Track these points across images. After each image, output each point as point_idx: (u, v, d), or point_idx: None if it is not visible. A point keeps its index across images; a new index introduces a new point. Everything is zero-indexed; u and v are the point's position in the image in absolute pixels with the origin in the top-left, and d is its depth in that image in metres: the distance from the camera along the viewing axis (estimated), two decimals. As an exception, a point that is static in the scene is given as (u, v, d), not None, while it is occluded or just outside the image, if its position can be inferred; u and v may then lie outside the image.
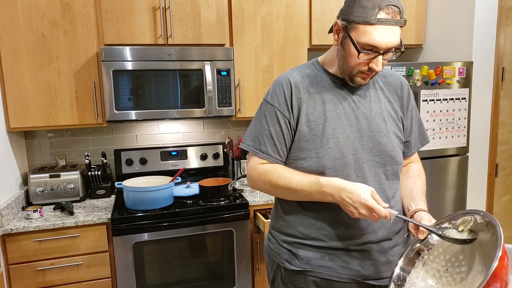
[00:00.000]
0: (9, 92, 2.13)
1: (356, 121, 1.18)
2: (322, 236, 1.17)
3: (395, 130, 1.23)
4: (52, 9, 2.13)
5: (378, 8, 1.02)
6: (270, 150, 1.20)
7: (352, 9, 1.06)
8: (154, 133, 2.71)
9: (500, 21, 2.50)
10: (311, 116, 1.17)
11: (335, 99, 1.18)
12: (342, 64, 1.15)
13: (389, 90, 1.26)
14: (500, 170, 2.67)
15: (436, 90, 2.41)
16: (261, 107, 1.24)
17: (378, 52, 1.07)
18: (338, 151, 1.15)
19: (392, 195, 1.22)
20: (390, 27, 1.04)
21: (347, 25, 1.08)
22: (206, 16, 2.35)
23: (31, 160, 2.53)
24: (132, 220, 2.08)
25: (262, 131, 1.21)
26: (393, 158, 1.20)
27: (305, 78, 1.21)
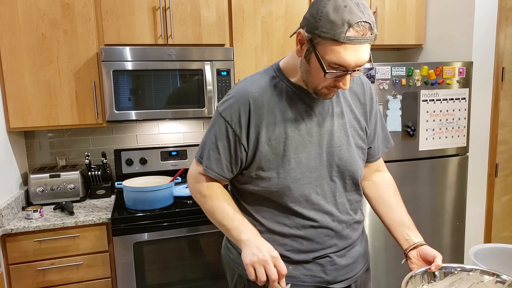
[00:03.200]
0: (9, 92, 2.13)
1: (318, 137, 1.12)
2: (285, 252, 1.15)
3: (357, 141, 1.18)
4: (52, 9, 2.13)
5: (347, 26, 0.92)
6: (214, 165, 1.13)
7: (318, 23, 0.95)
8: (154, 133, 2.71)
9: (500, 21, 2.50)
10: (271, 134, 1.09)
11: (296, 114, 1.11)
12: (306, 78, 1.06)
13: (352, 98, 1.20)
14: (500, 170, 2.67)
15: (436, 90, 2.41)
16: (213, 118, 1.15)
17: (346, 71, 0.98)
18: (300, 171, 1.10)
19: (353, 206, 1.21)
20: (360, 46, 0.95)
21: (312, 39, 0.97)
22: (206, 16, 2.35)
23: (31, 160, 2.53)
24: (132, 220, 2.08)
25: (209, 144, 1.14)
26: (353, 173, 1.17)
27: (266, 91, 1.11)
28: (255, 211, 1.17)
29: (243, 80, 1.17)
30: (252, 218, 1.17)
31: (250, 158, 1.12)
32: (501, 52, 2.54)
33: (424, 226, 2.52)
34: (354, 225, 1.22)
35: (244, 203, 1.20)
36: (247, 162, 1.13)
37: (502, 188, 2.70)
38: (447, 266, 1.12)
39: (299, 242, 1.15)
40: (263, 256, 1.00)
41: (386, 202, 1.27)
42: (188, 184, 1.22)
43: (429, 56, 2.83)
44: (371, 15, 0.95)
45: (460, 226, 2.60)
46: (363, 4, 0.95)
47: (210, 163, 1.14)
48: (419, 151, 2.44)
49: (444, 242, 2.58)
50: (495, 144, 2.63)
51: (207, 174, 1.16)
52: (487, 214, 2.69)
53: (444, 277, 1.12)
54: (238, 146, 1.11)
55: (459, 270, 1.11)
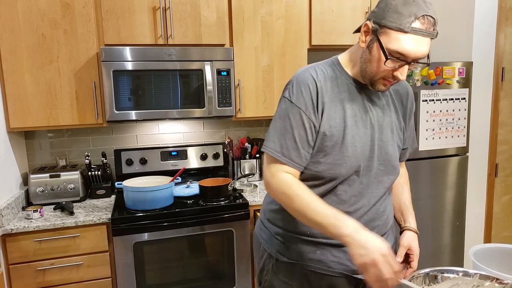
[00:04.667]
0: (9, 92, 2.13)
1: (371, 129, 1.18)
2: (316, 233, 1.18)
3: (397, 140, 1.24)
4: (52, 9, 2.13)
5: (414, 17, 1.00)
6: (293, 155, 1.14)
7: (386, 13, 1.03)
8: (154, 133, 2.71)
9: (500, 21, 2.50)
10: (332, 122, 1.14)
11: (354, 106, 1.17)
12: (365, 67, 1.12)
13: (396, 99, 1.26)
14: (500, 170, 2.67)
15: (436, 90, 2.41)
16: (283, 108, 1.16)
17: (405, 61, 1.05)
18: (355, 160, 1.15)
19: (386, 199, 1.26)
20: (422, 38, 1.02)
21: (378, 29, 1.05)
22: (206, 16, 2.35)
23: (31, 160, 2.53)
24: (132, 220, 2.08)
25: (285, 134, 1.14)
26: (395, 169, 1.23)
27: (327, 80, 1.17)
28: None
29: (303, 69, 1.19)
30: None
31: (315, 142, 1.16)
32: (501, 52, 2.54)
33: (424, 226, 2.52)
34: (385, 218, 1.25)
35: None
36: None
37: (502, 188, 2.70)
38: (448, 269, 1.13)
39: None
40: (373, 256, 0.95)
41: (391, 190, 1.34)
42: (269, 188, 1.17)
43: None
44: (435, 13, 1.03)
45: (460, 226, 2.60)
46: (429, 2, 1.03)
47: (290, 153, 1.14)
48: (419, 151, 2.44)
49: (444, 242, 2.58)
50: (495, 144, 2.63)
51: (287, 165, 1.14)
52: (487, 214, 2.69)
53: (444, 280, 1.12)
54: (314, 132, 1.14)
55: (461, 274, 1.11)
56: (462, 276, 1.11)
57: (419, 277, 1.11)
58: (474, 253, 1.27)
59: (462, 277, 1.11)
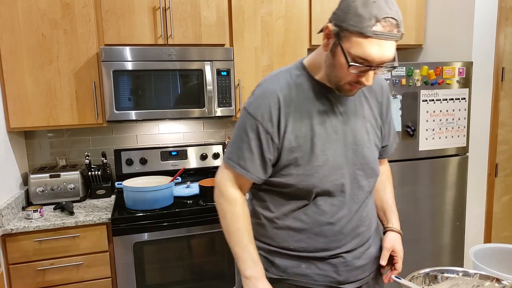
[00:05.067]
0: (9, 92, 2.13)
1: (343, 135, 1.13)
2: (300, 248, 1.16)
3: (375, 140, 1.20)
4: (52, 9, 2.13)
5: (375, 20, 0.93)
6: (249, 165, 1.12)
7: (347, 16, 0.96)
8: (154, 133, 2.71)
9: (500, 21, 2.50)
10: (298, 132, 1.10)
11: (322, 112, 1.12)
12: (329, 72, 1.06)
13: (370, 97, 1.21)
14: (500, 170, 2.67)
15: (436, 90, 2.41)
16: (243, 118, 1.14)
17: (370, 66, 0.98)
18: (327, 169, 1.11)
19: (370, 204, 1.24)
20: (386, 42, 0.96)
21: (339, 32, 0.98)
22: (206, 16, 2.35)
23: (31, 160, 2.53)
24: (132, 220, 2.08)
25: (241, 144, 1.12)
26: (374, 171, 1.19)
27: (292, 88, 1.12)
28: (274, 206, 1.17)
29: (267, 78, 1.16)
30: (269, 211, 1.17)
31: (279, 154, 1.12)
32: (501, 52, 2.54)
33: (424, 226, 2.52)
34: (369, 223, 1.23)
35: (263, 198, 1.19)
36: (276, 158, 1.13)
37: (502, 188, 2.70)
38: (448, 269, 1.12)
39: (315, 239, 1.15)
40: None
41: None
42: (214, 192, 1.19)
43: (429, 56, 2.83)
44: (399, 13, 0.96)
45: (460, 226, 2.60)
46: (392, 1, 0.96)
47: (245, 163, 1.12)
48: (419, 151, 2.44)
49: (444, 242, 2.58)
50: (495, 144, 2.63)
51: (242, 175, 1.13)
52: (487, 214, 2.69)
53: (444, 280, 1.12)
54: (271, 144, 1.11)
55: (461, 274, 1.11)
56: (462, 276, 1.11)
57: (419, 277, 1.11)
58: (474, 253, 1.27)
59: (462, 277, 1.11)
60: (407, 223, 2.48)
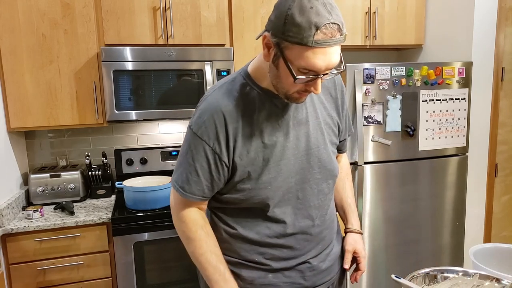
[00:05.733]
0: (9, 92, 2.13)
1: (296, 141, 1.08)
2: (265, 260, 1.14)
3: (331, 138, 1.16)
4: (53, 9, 2.13)
5: (315, 29, 0.86)
6: (195, 188, 1.07)
7: (284, 26, 0.89)
8: (155, 133, 2.71)
9: (500, 21, 2.50)
10: (249, 146, 1.05)
11: (272, 121, 1.06)
12: (275, 83, 1.00)
13: (324, 94, 1.16)
14: (500, 170, 2.67)
15: (436, 90, 2.42)
16: (187, 138, 1.07)
17: (316, 75, 0.93)
18: (281, 179, 1.07)
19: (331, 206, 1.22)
20: (330, 48, 0.90)
21: (279, 43, 0.92)
22: (206, 16, 2.35)
23: (32, 160, 2.53)
24: (132, 220, 2.08)
25: (188, 167, 1.06)
26: (332, 171, 1.16)
27: (238, 102, 1.05)
28: (233, 221, 1.14)
29: (212, 91, 1.09)
30: (230, 227, 1.14)
31: (231, 172, 1.08)
32: (501, 52, 2.55)
33: (424, 226, 2.52)
34: (331, 224, 1.22)
35: (221, 213, 1.16)
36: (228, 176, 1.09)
37: (502, 188, 2.70)
38: (448, 269, 1.13)
39: (279, 250, 1.13)
40: None
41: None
42: (172, 218, 1.15)
43: (429, 56, 2.83)
44: (339, 15, 0.90)
45: (460, 226, 2.61)
46: (330, 3, 0.89)
47: (190, 187, 1.07)
48: (418, 151, 2.45)
49: (444, 242, 2.58)
50: (494, 144, 2.63)
51: (190, 200, 1.09)
52: (487, 214, 2.69)
53: (444, 279, 1.12)
54: (219, 163, 1.05)
55: (461, 274, 1.12)
56: (462, 276, 1.11)
57: (419, 277, 1.11)
58: (474, 253, 1.27)
59: (462, 277, 1.11)
60: (407, 223, 2.48)
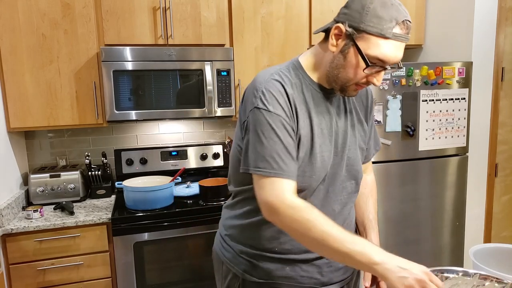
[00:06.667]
0: (9, 92, 2.13)
1: (335, 136, 1.13)
2: (284, 250, 1.14)
3: (360, 142, 1.21)
4: (53, 9, 2.13)
5: (395, 22, 0.96)
6: (290, 165, 1.01)
7: (364, 17, 0.97)
8: (154, 133, 2.71)
9: (500, 21, 2.50)
10: (302, 131, 1.07)
11: (319, 113, 1.11)
12: (337, 73, 1.04)
13: (356, 99, 1.23)
14: (500, 170, 2.67)
15: (436, 90, 2.42)
16: (262, 119, 1.02)
17: (383, 66, 1.01)
18: (324, 170, 1.10)
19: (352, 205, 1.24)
20: (401, 44, 1.00)
21: (354, 33, 0.99)
22: (206, 16, 2.35)
23: (32, 160, 2.53)
24: (132, 220, 2.08)
25: (275, 147, 1.01)
26: (358, 172, 1.19)
27: (293, 87, 1.09)
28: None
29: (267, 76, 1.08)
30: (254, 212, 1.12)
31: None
32: (501, 52, 2.54)
33: (424, 226, 2.52)
34: (351, 224, 1.24)
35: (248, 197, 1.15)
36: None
37: (502, 188, 2.70)
38: (448, 269, 1.13)
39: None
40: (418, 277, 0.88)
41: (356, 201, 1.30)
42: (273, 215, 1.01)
43: (429, 56, 2.83)
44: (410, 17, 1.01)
45: (460, 226, 2.60)
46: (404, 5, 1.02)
47: (286, 166, 1.01)
48: (419, 151, 2.44)
49: (444, 242, 2.58)
50: (495, 144, 2.63)
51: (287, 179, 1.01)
52: (487, 214, 2.69)
53: (444, 279, 1.12)
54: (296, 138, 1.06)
55: (461, 274, 1.12)
56: (462, 276, 1.11)
57: None
58: (474, 253, 1.27)
59: (462, 277, 1.11)
60: (407, 223, 2.48)
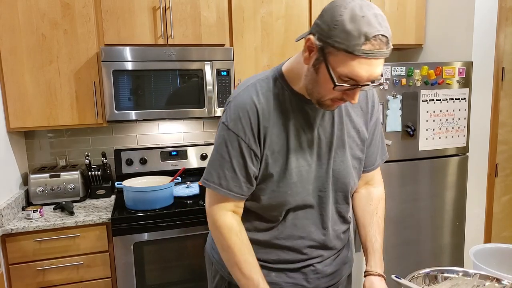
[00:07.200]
0: (9, 92, 2.13)
1: (318, 149, 1.09)
2: (270, 260, 1.15)
3: (354, 152, 1.15)
4: (52, 9, 2.13)
5: (364, 38, 0.85)
6: (232, 185, 1.05)
7: (333, 31, 0.88)
8: (154, 133, 2.71)
9: (500, 21, 2.50)
10: (275, 147, 1.04)
11: (298, 126, 1.06)
12: (311, 87, 0.98)
13: (352, 107, 1.15)
14: (500, 170, 2.67)
15: (436, 90, 2.41)
16: (221, 135, 1.05)
17: (357, 85, 0.92)
18: (301, 186, 1.07)
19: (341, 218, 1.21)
20: (375, 60, 0.89)
21: (323, 48, 0.90)
22: (206, 16, 2.35)
23: (31, 160, 2.53)
24: (132, 220, 2.08)
25: (223, 164, 1.05)
26: (345, 185, 1.14)
27: (270, 100, 1.05)
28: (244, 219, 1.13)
29: (244, 87, 1.08)
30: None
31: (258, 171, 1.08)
32: (501, 52, 2.54)
33: (424, 226, 2.52)
34: (341, 235, 1.21)
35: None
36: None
37: (502, 188, 2.70)
38: (448, 269, 1.12)
39: (285, 252, 1.14)
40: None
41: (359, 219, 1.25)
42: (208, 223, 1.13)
43: (429, 56, 2.83)
44: (388, 28, 0.89)
45: (460, 226, 2.60)
46: (382, 15, 0.89)
47: (228, 183, 1.05)
48: (419, 151, 2.44)
49: (444, 242, 2.58)
50: (495, 144, 2.63)
51: (228, 197, 1.07)
52: (487, 214, 2.69)
53: (444, 280, 1.12)
54: (254, 159, 1.05)
55: (461, 274, 1.11)
56: (462, 276, 1.11)
57: (419, 277, 1.11)
58: (474, 253, 1.27)
59: (462, 277, 1.11)
60: (407, 223, 2.47)
